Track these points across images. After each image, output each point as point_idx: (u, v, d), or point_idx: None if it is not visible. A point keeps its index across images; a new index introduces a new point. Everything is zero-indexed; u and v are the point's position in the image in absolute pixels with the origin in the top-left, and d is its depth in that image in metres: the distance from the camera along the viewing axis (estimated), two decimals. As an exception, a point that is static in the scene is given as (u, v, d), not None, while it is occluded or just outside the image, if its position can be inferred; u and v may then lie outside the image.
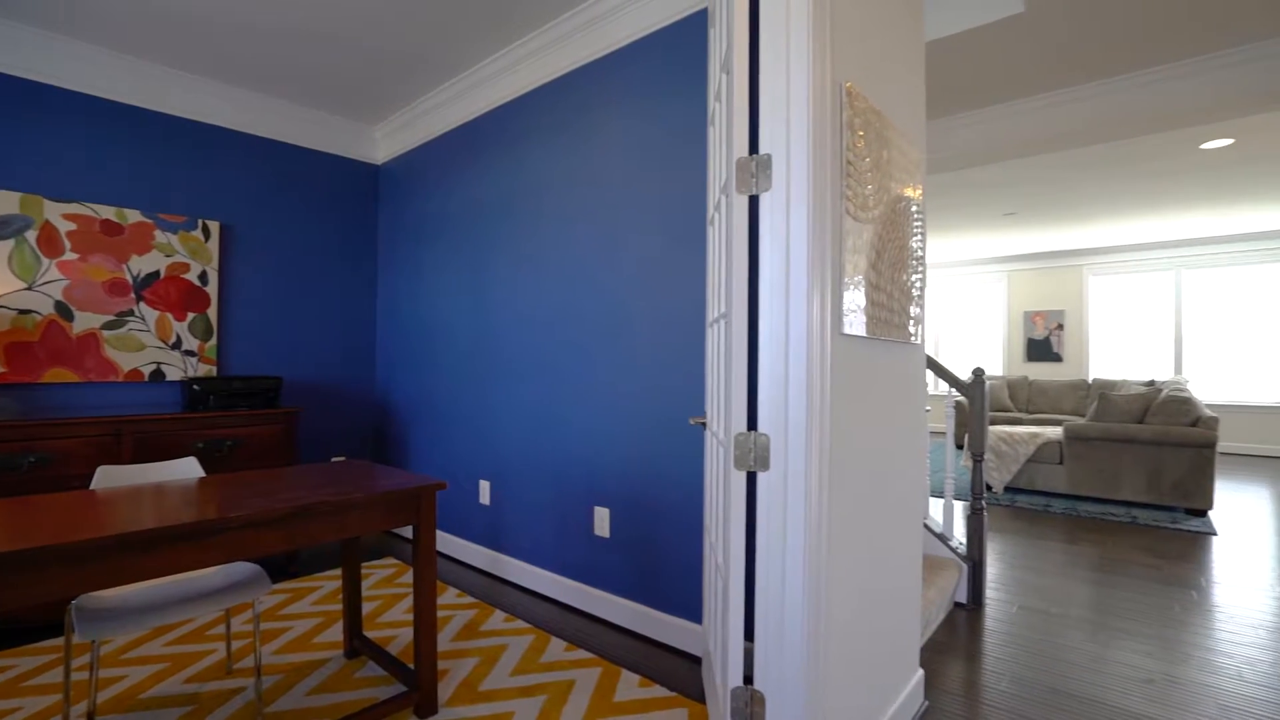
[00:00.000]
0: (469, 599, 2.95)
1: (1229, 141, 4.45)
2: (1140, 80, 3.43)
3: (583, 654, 2.42)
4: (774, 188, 1.37)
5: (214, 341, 3.50)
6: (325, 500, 1.68)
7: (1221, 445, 7.67)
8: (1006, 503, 4.95)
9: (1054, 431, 5.23)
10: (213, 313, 3.49)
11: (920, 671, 2.08)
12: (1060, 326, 8.67)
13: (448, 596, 2.97)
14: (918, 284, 1.86)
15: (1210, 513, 4.65)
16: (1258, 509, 4.88)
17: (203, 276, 3.46)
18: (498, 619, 2.72)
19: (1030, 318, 8.90)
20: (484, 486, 3.35)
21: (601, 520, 2.74)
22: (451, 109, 3.60)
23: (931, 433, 8.71)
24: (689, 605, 2.46)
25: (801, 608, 1.34)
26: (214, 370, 3.50)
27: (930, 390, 10.42)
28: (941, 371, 2.92)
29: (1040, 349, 8.80)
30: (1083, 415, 7.30)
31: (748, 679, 1.48)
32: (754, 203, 1.41)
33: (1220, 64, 3.23)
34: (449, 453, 3.61)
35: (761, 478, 1.38)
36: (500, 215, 3.29)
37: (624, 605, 2.66)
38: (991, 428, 5.42)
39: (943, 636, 2.64)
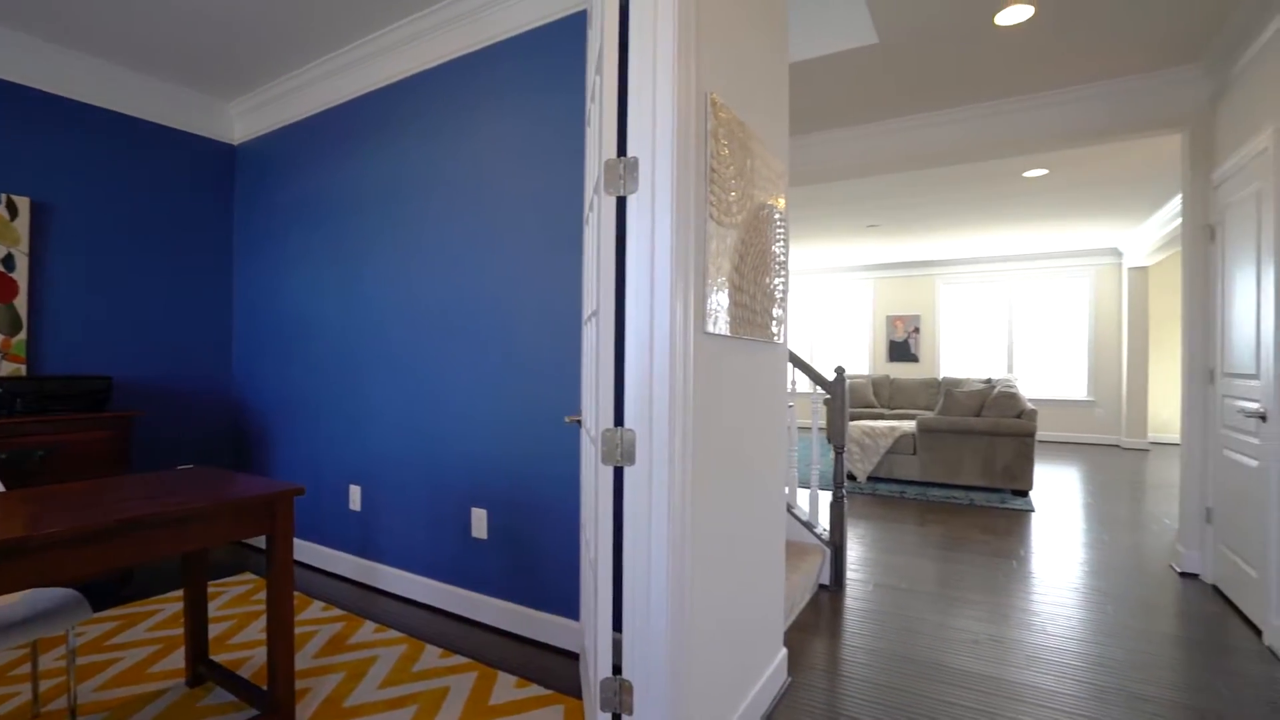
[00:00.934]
0: (336, 611, 2.78)
1: (1045, 171, 5.12)
2: (974, 113, 3.87)
3: (459, 659, 2.36)
4: (640, 190, 1.41)
5: (23, 336, 3.05)
6: (158, 512, 1.52)
7: (1040, 434, 8.80)
8: (869, 491, 5.39)
9: (909, 425, 5.76)
10: (21, 303, 3.04)
11: (784, 650, 2.22)
12: (917, 330, 9.57)
13: (311, 610, 2.78)
14: (780, 287, 1.99)
15: (1031, 493, 5.33)
16: (1067, 487, 5.66)
17: (8, 260, 3.00)
18: (368, 630, 2.59)
19: (892, 321, 9.75)
20: (355, 491, 3.17)
21: (479, 521, 2.69)
22: (321, 89, 3.37)
23: (802, 428, 9.29)
24: (569, 602, 2.47)
25: (665, 597, 1.39)
26: (23, 369, 3.05)
27: (802, 389, 11.11)
28: (808, 370, 3.14)
29: (900, 350, 9.67)
30: (934, 410, 8.09)
31: (617, 669, 1.51)
32: (622, 204, 1.44)
33: (1034, 105, 3.71)
34: (317, 456, 3.38)
35: (628, 472, 1.42)
36: (378, 206, 3.13)
37: (502, 607, 2.62)
38: (856, 423, 5.88)
39: (808, 617, 2.83)
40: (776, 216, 1.96)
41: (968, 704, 2.11)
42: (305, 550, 3.43)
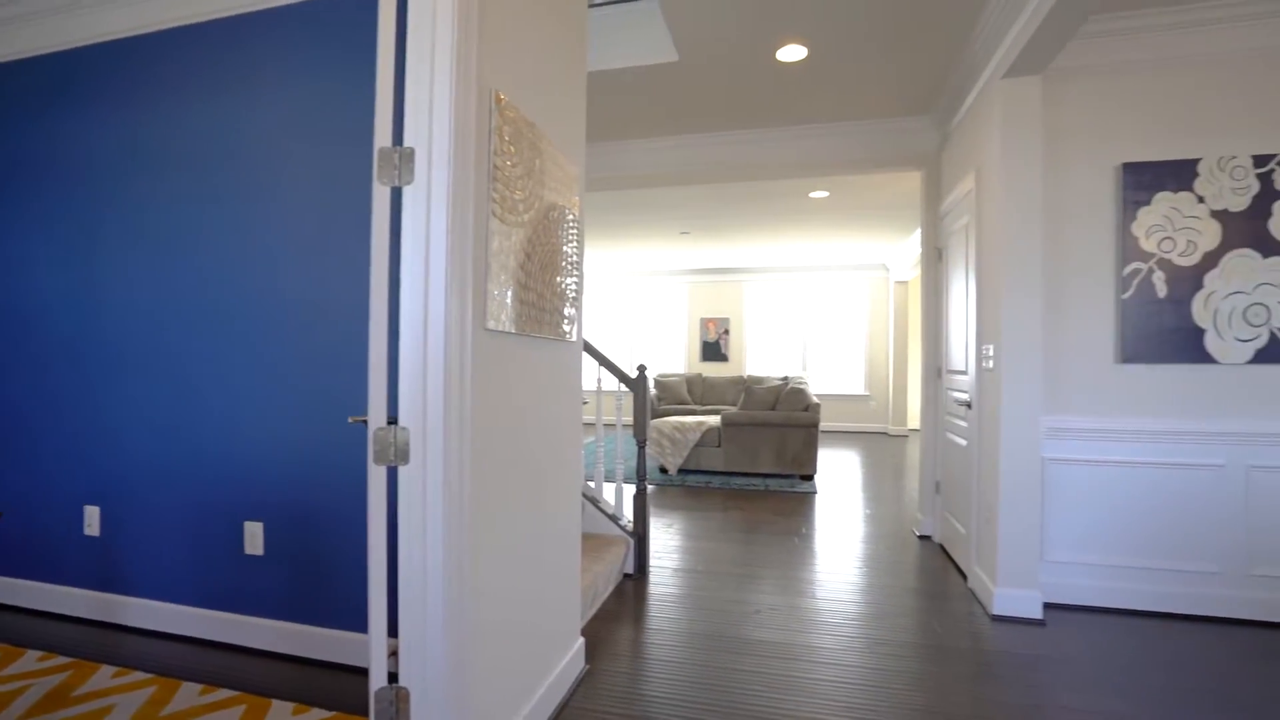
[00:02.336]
0: (60, 660, 2.33)
1: (826, 194, 5.83)
2: (764, 136, 4.29)
3: (224, 693, 2.11)
4: (417, 182, 1.38)
5: None
6: None
7: (825, 425, 10.01)
8: (679, 483, 5.73)
9: (715, 419, 6.22)
10: None
11: (581, 640, 2.28)
12: (727, 331, 10.37)
13: (22, 663, 2.30)
14: (573, 287, 2.05)
15: (815, 477, 6.04)
16: (844, 471, 6.50)
17: None
18: (104, 676, 2.21)
19: (705, 323, 10.46)
20: (91, 513, 2.68)
21: (254, 536, 2.42)
22: (38, 28, 2.80)
23: (609, 424, 9.62)
24: (359, 615, 2.32)
25: (443, 600, 1.37)
26: None
27: (610, 387, 11.44)
28: (613, 368, 3.26)
29: (712, 350, 10.40)
30: (737, 405, 8.82)
31: (394, 677, 1.46)
32: (397, 195, 1.39)
33: (812, 134, 4.21)
34: (37, 476, 2.80)
35: (403, 472, 1.38)
36: (122, 178, 2.67)
37: (282, 629, 2.39)
38: (667, 419, 6.23)
39: (611, 605, 2.94)
40: (570, 218, 2.02)
41: (756, 669, 2.34)
42: (17, 590, 2.83)
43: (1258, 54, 2.78)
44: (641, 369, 3.27)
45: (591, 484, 3.43)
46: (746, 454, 5.92)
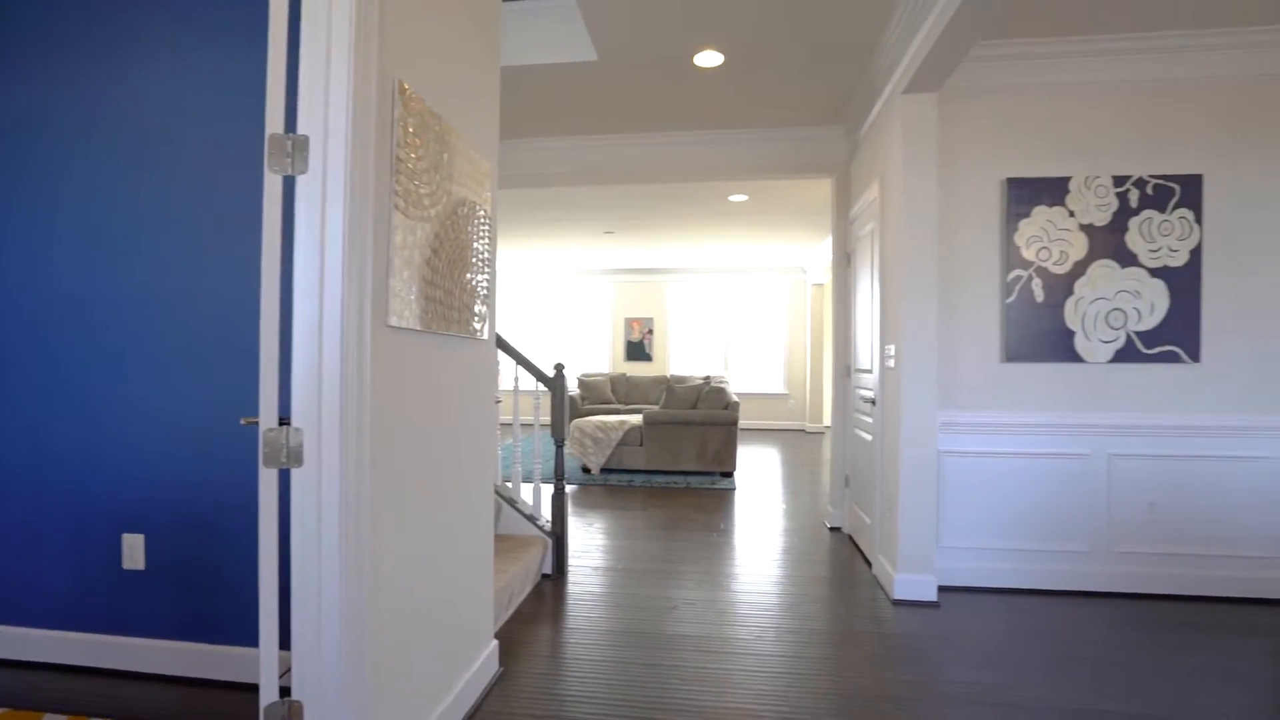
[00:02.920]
0: (-102, 694, 2.07)
1: (745, 197, 6.00)
2: (683, 139, 4.36)
3: (97, 722, 1.93)
4: (311, 171, 1.31)
5: None
6: None
7: (746, 423, 10.31)
8: (601, 482, 5.74)
9: (637, 419, 6.27)
10: None
11: (494, 643, 2.25)
12: (651, 331, 10.47)
13: None
14: (484, 284, 2.02)
15: (735, 474, 6.20)
16: (763, 467, 6.71)
17: None
18: (-49, 710, 1.98)
19: (629, 323, 10.52)
20: (-62, 531, 2.39)
21: (134, 550, 2.23)
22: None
23: (528, 424, 9.54)
24: (256, 629, 2.18)
25: (340, 607, 1.31)
26: None
27: (529, 386, 11.35)
28: (530, 367, 3.22)
29: (636, 350, 10.48)
30: (659, 404, 8.94)
31: (287, 691, 1.38)
32: (290, 184, 1.33)
33: (729, 139, 4.32)
34: None
35: (296, 475, 1.31)
36: (-29, 156, 2.39)
37: (168, 648, 2.22)
38: (591, 418, 6.22)
39: (529, 606, 2.91)
40: (481, 214, 1.98)
41: (672, 663, 2.38)
42: None
43: (1119, 86, 3.08)
44: (559, 368, 3.25)
45: (509, 484, 3.38)
46: (668, 452, 6.00)
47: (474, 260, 1.93)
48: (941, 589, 3.14)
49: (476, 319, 1.95)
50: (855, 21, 2.94)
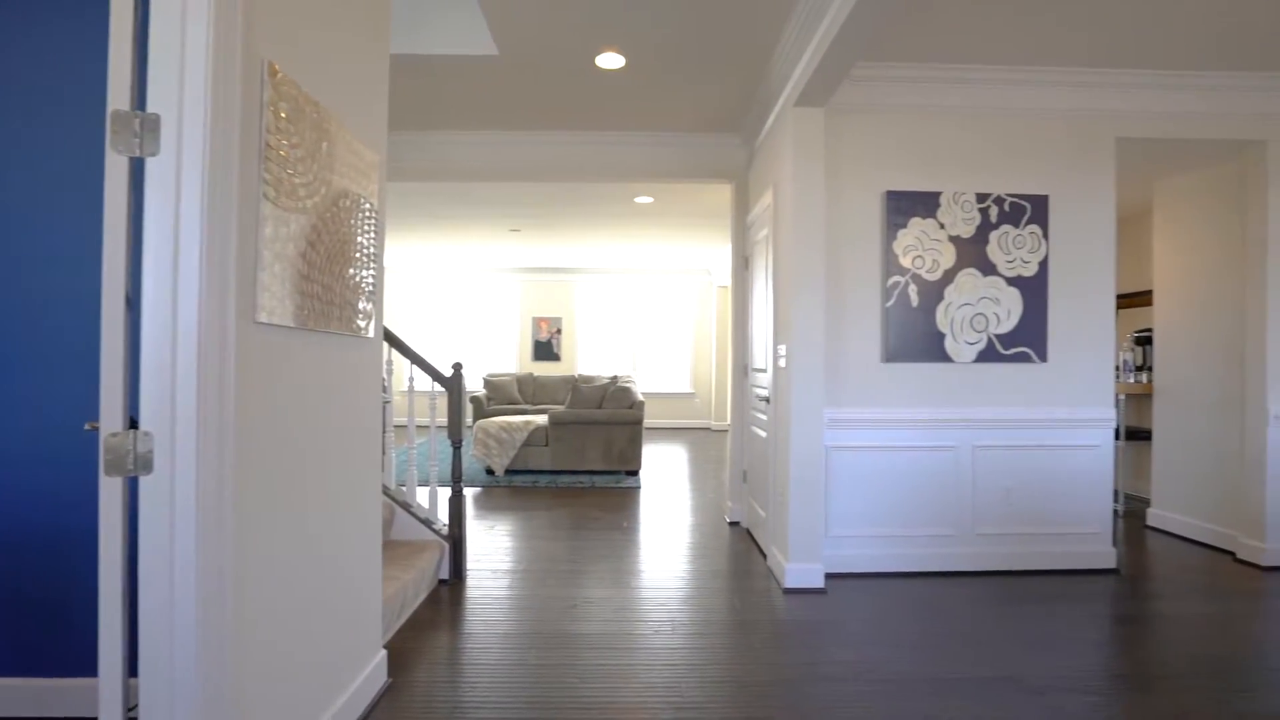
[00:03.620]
0: None
1: (651, 199, 6.08)
2: (587, 139, 4.36)
3: (-99, 775, 1.68)
4: (163, 154, 1.21)
5: None
6: None
7: (653, 421, 10.47)
8: (506, 484, 5.64)
9: (542, 418, 6.21)
10: None
11: (382, 653, 2.16)
12: (559, 331, 10.40)
13: None
14: (369, 280, 1.93)
15: (640, 472, 6.27)
16: (668, 465, 6.84)
17: None
18: None
19: (537, 322, 10.40)
20: None
21: (-48, 576, 1.96)
22: None
23: (421, 425, 9.26)
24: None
25: (196, 628, 1.21)
26: None
27: (425, 387, 11.02)
28: (425, 366, 3.12)
29: (544, 349, 10.38)
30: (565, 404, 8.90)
31: (136, 722, 1.26)
32: (139, 167, 1.21)
33: (633, 141, 4.37)
34: None
35: (144, 483, 1.20)
36: None
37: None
38: (495, 419, 6.10)
39: (424, 613, 2.82)
40: (366, 207, 1.90)
41: (571, 662, 2.37)
42: None
43: (977, 111, 3.39)
44: (457, 367, 3.17)
45: (404, 488, 3.25)
46: (574, 452, 5.99)
47: (358, 255, 1.84)
48: (830, 576, 3.32)
49: (361, 316, 1.87)
50: (751, 35, 3.06)
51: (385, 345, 2.80)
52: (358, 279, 1.83)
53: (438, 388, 3.28)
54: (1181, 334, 4.13)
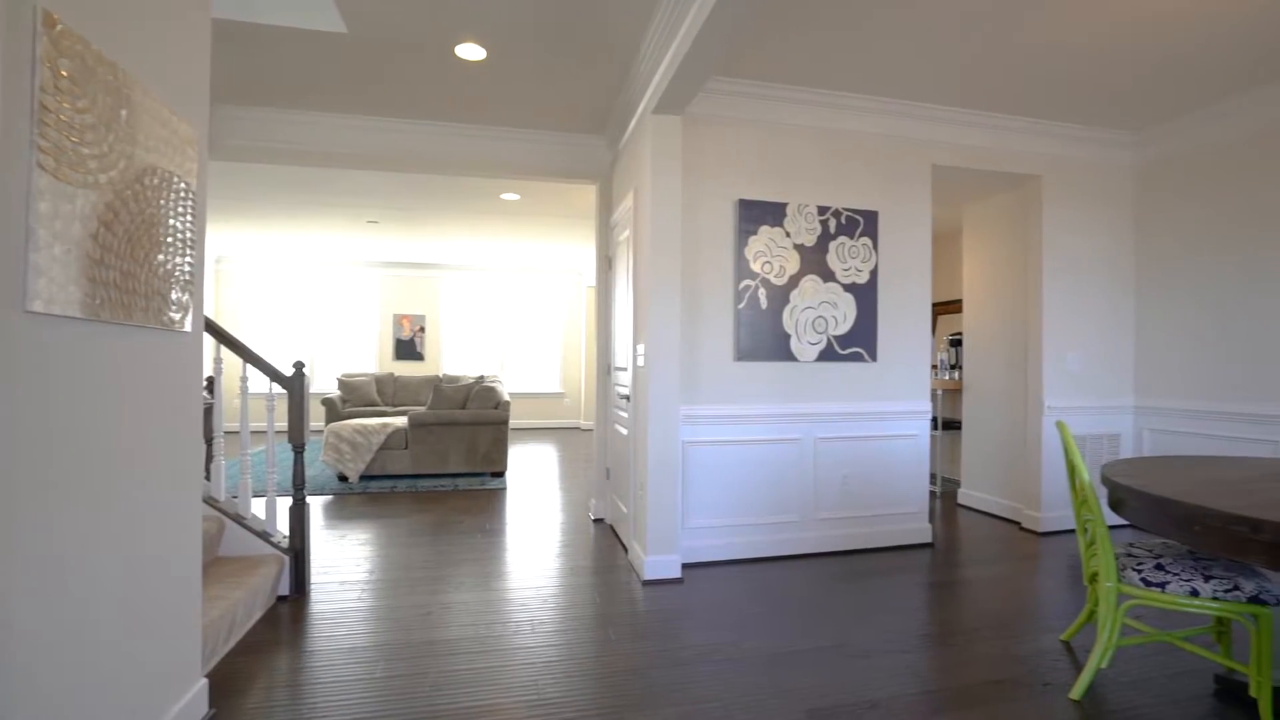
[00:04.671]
0: None
1: (518, 196, 6.00)
2: (448, 130, 4.22)
3: None
4: (-105, 108, 1.01)
5: None
6: None
7: (522, 422, 10.33)
8: (361, 490, 5.30)
9: (401, 421, 5.91)
10: None
11: (203, 682, 1.95)
12: (422, 329, 9.93)
13: None
14: (185, 268, 1.74)
15: (506, 473, 6.16)
16: (536, 465, 6.78)
17: None
18: None
19: (399, 319, 9.86)
20: None
21: None
22: None
23: (258, 430, 8.54)
24: None
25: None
26: None
27: (264, 388, 10.20)
28: (262, 365, 2.85)
29: (407, 348, 9.86)
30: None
31: None
32: None
33: (498, 136, 4.29)
34: None
35: None
36: None
37: None
38: (348, 422, 5.71)
39: (260, 634, 2.58)
40: (181, 186, 1.70)
41: (421, 671, 2.27)
42: None
43: (815, 131, 3.71)
44: (299, 366, 2.93)
45: (236, 499, 2.95)
46: (435, 454, 5.76)
47: (169, 240, 1.65)
48: (687, 566, 3.47)
49: (174, 308, 1.67)
50: (613, 38, 3.11)
51: (211, 341, 2.53)
52: (169, 266, 1.64)
53: (278, 389, 3.01)
54: (983, 338, 4.78)
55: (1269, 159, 3.58)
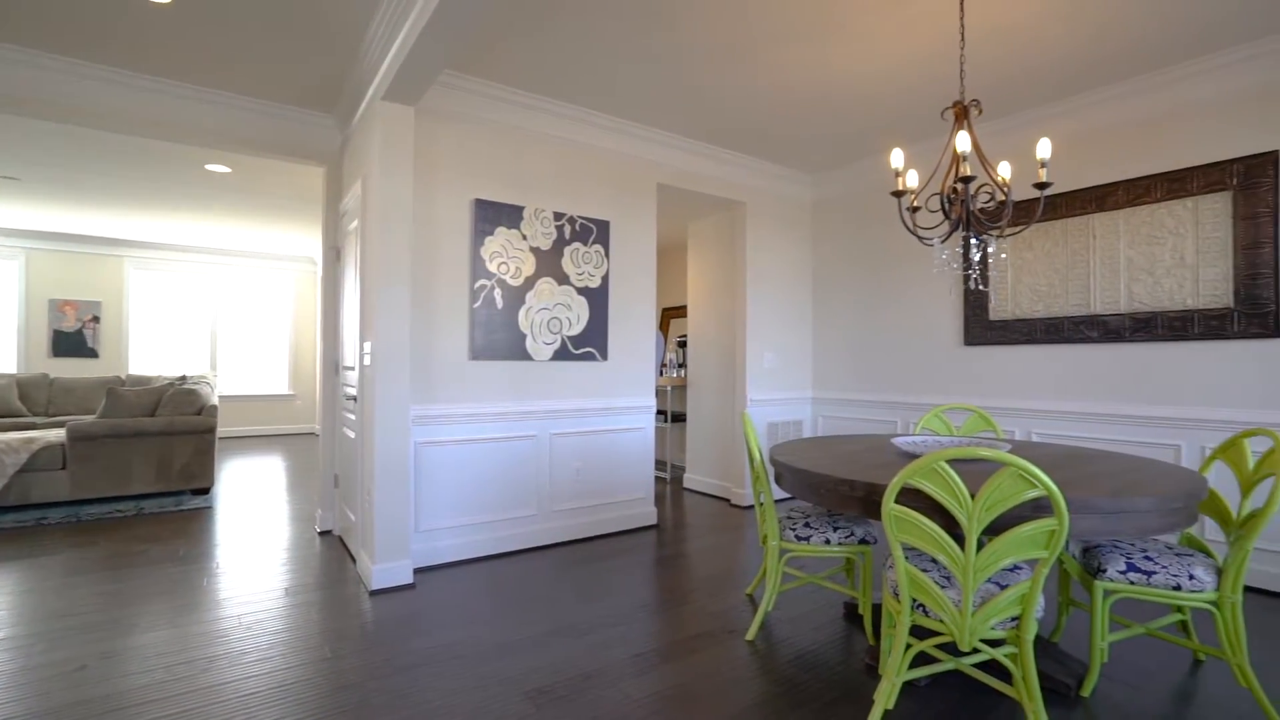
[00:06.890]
0: None
1: (228, 170, 5.19)
2: (135, 81, 3.49)
3: None
4: None
5: None
6: None
7: (244, 428, 8.98)
8: (-11, 526, 4.11)
9: (56, 434, 4.73)
10: None
11: None
12: (97, 319, 8.01)
13: None
14: None
15: (213, 489, 5.31)
16: (255, 477, 5.94)
17: None
18: None
19: (58, 307, 7.81)
20: None
21: None
22: None
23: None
24: None
25: None
26: None
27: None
28: None
29: (72, 343, 7.86)
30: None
31: None
32: None
33: (198, 97, 3.68)
34: None
35: None
36: None
37: None
38: (-32, 438, 4.39)
39: None
40: None
41: (42, 743, 1.86)
42: None
43: (551, 139, 3.89)
44: None
45: None
46: (110, 474, 4.72)
47: None
48: (423, 570, 3.38)
49: None
50: (328, 10, 2.89)
51: None
52: None
53: None
54: (703, 339, 5.46)
55: (868, 209, 4.73)
